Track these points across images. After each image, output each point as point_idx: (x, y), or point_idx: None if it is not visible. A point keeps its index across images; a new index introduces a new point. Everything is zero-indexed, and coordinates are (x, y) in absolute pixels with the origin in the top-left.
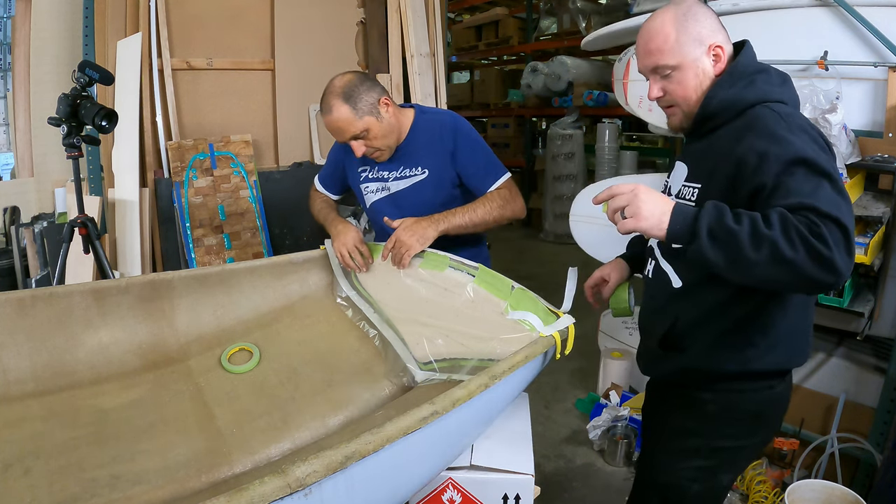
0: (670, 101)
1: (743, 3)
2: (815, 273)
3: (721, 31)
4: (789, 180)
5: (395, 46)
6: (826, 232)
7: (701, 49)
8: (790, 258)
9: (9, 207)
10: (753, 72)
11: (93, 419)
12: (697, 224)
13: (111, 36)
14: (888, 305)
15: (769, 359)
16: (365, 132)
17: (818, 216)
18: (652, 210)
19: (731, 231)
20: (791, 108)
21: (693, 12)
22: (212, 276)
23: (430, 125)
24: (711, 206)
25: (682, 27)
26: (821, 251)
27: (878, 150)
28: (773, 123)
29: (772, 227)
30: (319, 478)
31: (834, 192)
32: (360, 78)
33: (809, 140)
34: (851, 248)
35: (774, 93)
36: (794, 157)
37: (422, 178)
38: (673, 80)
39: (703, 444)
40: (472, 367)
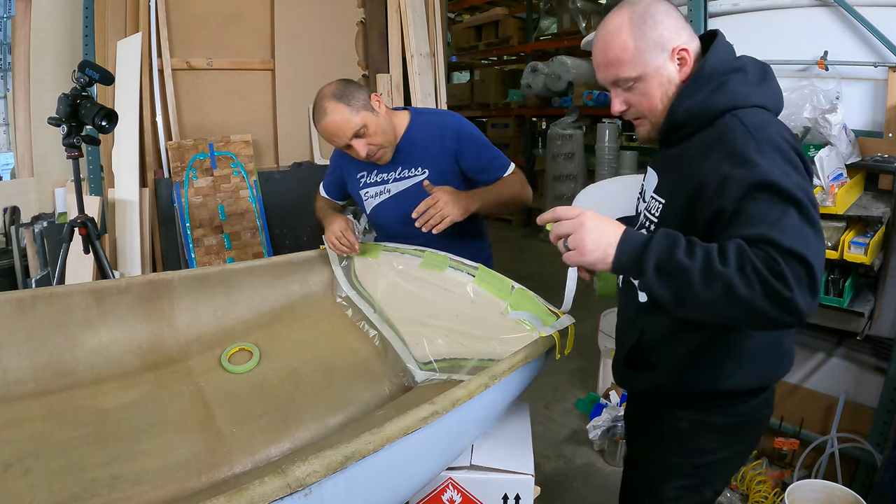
0: (636, 114)
1: (743, 3)
2: (772, 313)
3: (685, 28)
4: (751, 206)
5: (395, 46)
6: (786, 269)
7: (663, 55)
8: (745, 297)
9: (9, 207)
10: (725, 72)
11: (93, 419)
12: (644, 257)
13: (111, 36)
14: (888, 305)
15: (739, 378)
16: (364, 129)
17: (779, 251)
18: (597, 242)
19: (681, 266)
20: (766, 117)
21: (651, 13)
22: (212, 276)
23: (429, 126)
24: (662, 236)
25: (639, 33)
26: (779, 291)
27: (878, 150)
28: (741, 141)
29: (727, 262)
30: (319, 478)
31: (801, 222)
32: (347, 81)
33: (781, 160)
34: (815, 287)
35: (749, 96)
36: (758, 181)
37: (422, 178)
38: (636, 92)
39: (681, 463)
40: (472, 367)
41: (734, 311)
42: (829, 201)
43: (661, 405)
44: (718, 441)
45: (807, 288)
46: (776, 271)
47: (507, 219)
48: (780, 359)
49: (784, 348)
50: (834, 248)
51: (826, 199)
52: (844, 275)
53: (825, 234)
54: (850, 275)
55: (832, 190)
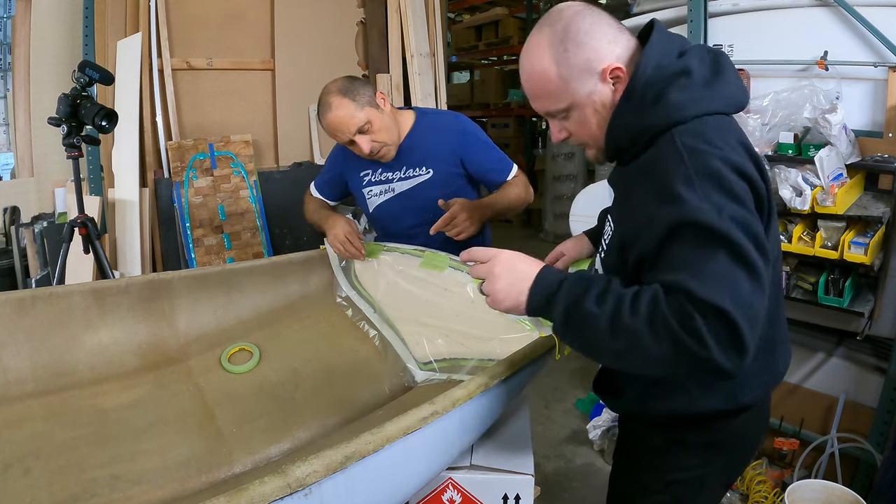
0: (579, 141)
1: (743, 3)
2: (688, 371)
3: (617, 37)
4: (674, 248)
5: (395, 46)
6: (702, 326)
7: (593, 79)
8: (654, 353)
9: (9, 207)
10: (662, 80)
11: (93, 419)
12: (553, 304)
13: (111, 36)
14: (888, 305)
15: (707, 403)
16: (368, 125)
17: (694, 303)
18: (507, 290)
19: (589, 314)
20: (710, 132)
21: (573, 33)
22: (212, 276)
23: (434, 126)
24: (575, 280)
25: (562, 59)
26: (691, 349)
27: (878, 150)
28: (671, 171)
29: (636, 313)
30: (319, 478)
31: (732, 264)
32: (352, 78)
33: (715, 190)
34: (741, 343)
35: (692, 105)
36: (682, 220)
37: (427, 178)
38: (572, 121)
39: (657, 478)
40: (472, 367)
41: (649, 366)
42: (829, 201)
43: (635, 421)
44: (694, 458)
45: (727, 344)
46: (690, 327)
47: (507, 219)
48: (755, 380)
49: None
50: (834, 248)
51: (826, 199)
52: (844, 275)
53: (825, 235)
54: (850, 275)
55: (832, 190)
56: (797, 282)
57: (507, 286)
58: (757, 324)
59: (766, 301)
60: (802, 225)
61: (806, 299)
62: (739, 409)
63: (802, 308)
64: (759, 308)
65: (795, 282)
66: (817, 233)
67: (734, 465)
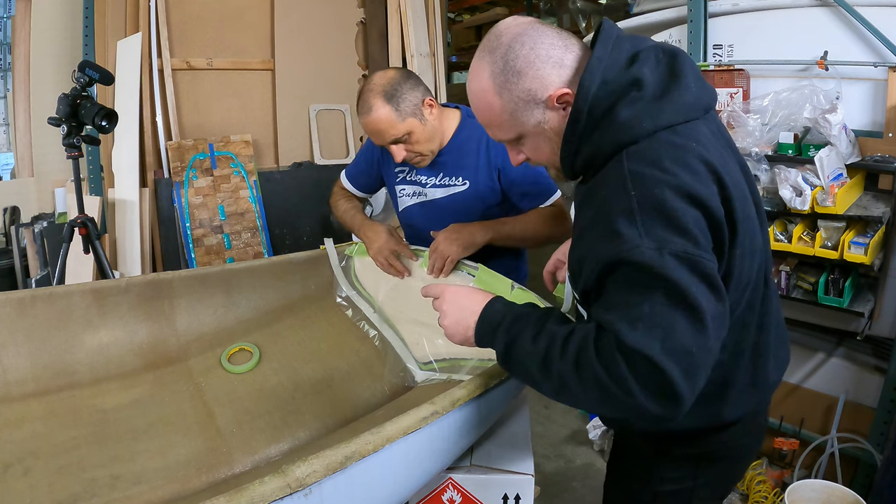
0: (537, 164)
1: (743, 3)
2: (620, 414)
3: (562, 60)
4: (609, 285)
5: (395, 46)
6: (626, 373)
7: (539, 108)
8: (582, 398)
9: (9, 207)
10: (607, 97)
11: (93, 419)
12: (495, 341)
13: (111, 36)
14: (888, 305)
15: (689, 420)
16: (407, 136)
17: (621, 349)
18: (455, 326)
19: (524, 353)
20: (653, 151)
21: (512, 62)
22: (212, 276)
23: (478, 134)
24: (513, 318)
25: (504, 90)
26: (617, 397)
27: (878, 150)
28: (613, 201)
29: (565, 356)
30: (319, 478)
31: (668, 308)
32: (404, 75)
33: (659, 223)
34: (672, 391)
35: (644, 121)
36: (618, 259)
37: (461, 190)
38: (526, 147)
39: (644, 488)
40: (472, 367)
41: (583, 406)
42: (829, 201)
43: (624, 431)
44: (683, 470)
45: (660, 395)
46: (616, 374)
47: None
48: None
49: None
50: (834, 248)
51: (826, 199)
52: (844, 275)
53: (825, 235)
54: (850, 275)
55: (832, 190)
56: (797, 282)
57: (455, 323)
58: (696, 370)
59: (716, 340)
60: (802, 225)
61: (806, 299)
62: (725, 425)
63: (802, 308)
64: (701, 352)
65: (795, 282)
66: (817, 233)
67: (725, 478)
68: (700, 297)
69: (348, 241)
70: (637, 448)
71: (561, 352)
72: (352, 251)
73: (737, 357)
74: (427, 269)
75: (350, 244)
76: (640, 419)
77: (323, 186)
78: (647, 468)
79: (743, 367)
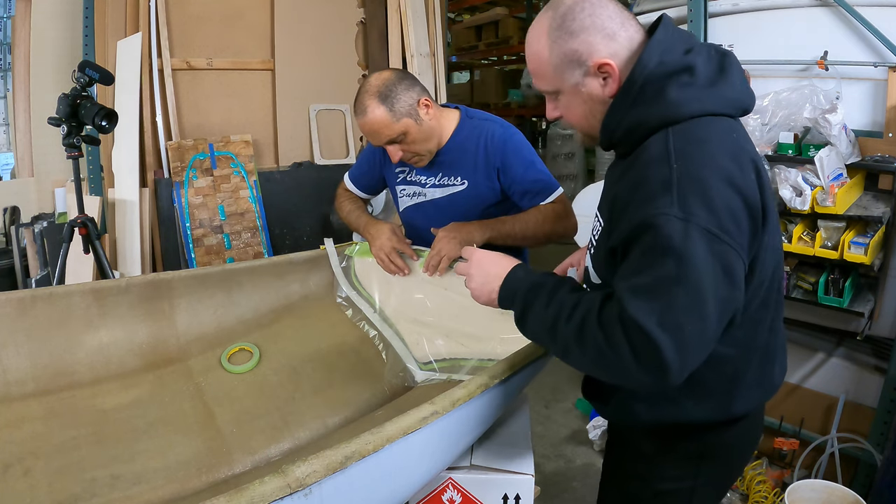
0: (567, 124)
1: (743, 3)
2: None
3: (616, 35)
4: (631, 250)
5: (395, 46)
6: (622, 340)
7: (580, 71)
8: (582, 361)
9: (9, 207)
10: (662, 76)
11: (93, 419)
12: (514, 304)
13: (111, 36)
14: (888, 305)
15: (699, 413)
16: (402, 136)
17: (621, 317)
18: (481, 287)
19: (537, 318)
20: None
21: (569, 22)
22: (212, 276)
23: (477, 134)
24: (530, 285)
25: (555, 45)
26: (611, 361)
27: (878, 150)
28: (654, 170)
29: (571, 320)
30: (319, 478)
31: (673, 283)
32: (399, 76)
33: (695, 198)
34: (662, 364)
35: (692, 104)
36: (643, 221)
37: (460, 190)
38: (561, 104)
39: (645, 487)
40: (472, 367)
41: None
42: (829, 201)
43: (623, 428)
44: (684, 469)
45: (650, 364)
46: (612, 340)
47: None
48: (752, 387)
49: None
50: (834, 248)
51: (826, 199)
52: (844, 275)
53: (825, 235)
54: (850, 275)
55: (832, 190)
56: (797, 282)
57: (481, 285)
58: (688, 347)
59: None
60: (802, 225)
61: (806, 299)
62: (732, 419)
63: (802, 308)
64: (696, 331)
65: (795, 282)
66: (817, 233)
67: (724, 478)
68: (709, 278)
69: (348, 241)
70: (637, 447)
71: (567, 318)
72: (352, 251)
73: (748, 354)
74: (423, 266)
75: (350, 244)
76: (633, 385)
77: (323, 186)
78: (647, 467)
79: (753, 365)
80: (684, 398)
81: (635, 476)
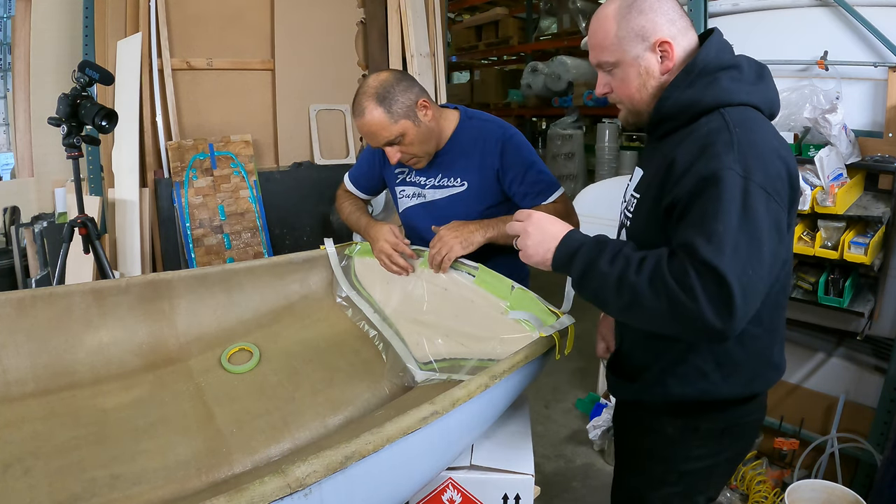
0: (616, 99)
1: (743, 3)
2: (681, 327)
3: (677, 22)
4: (695, 203)
5: (395, 46)
6: (696, 282)
7: (643, 45)
8: (651, 308)
9: (9, 207)
10: (717, 68)
11: (93, 419)
12: (573, 262)
13: (111, 36)
14: (888, 305)
15: (726, 388)
16: (400, 137)
17: (694, 261)
18: (537, 246)
19: (600, 273)
20: (755, 117)
21: (640, 3)
22: (212, 276)
23: (476, 134)
24: (592, 243)
25: (623, 21)
26: (684, 304)
27: (878, 150)
28: (715, 132)
29: (641, 271)
30: (319, 478)
31: (739, 229)
32: (397, 77)
33: (754, 158)
34: (730, 304)
35: (741, 93)
36: (711, 173)
37: (460, 191)
38: (616, 78)
39: (669, 470)
40: (472, 367)
41: (650, 321)
42: (829, 201)
43: (645, 410)
44: (705, 447)
45: (720, 305)
46: (685, 284)
47: None
48: (768, 367)
49: (772, 357)
50: (834, 248)
51: (826, 199)
52: (844, 275)
53: (825, 235)
54: (850, 275)
55: (832, 190)
56: (797, 282)
57: (537, 244)
58: (749, 292)
59: (769, 275)
60: (802, 225)
61: (806, 299)
62: (752, 395)
63: (802, 308)
64: (756, 278)
65: (795, 282)
66: (817, 233)
67: (739, 454)
68: (765, 229)
69: (349, 241)
70: (659, 427)
71: (637, 270)
72: (352, 251)
73: (772, 335)
74: (424, 266)
75: (350, 244)
76: (701, 334)
77: (323, 186)
78: (670, 448)
79: (776, 345)
80: (714, 372)
81: (658, 459)
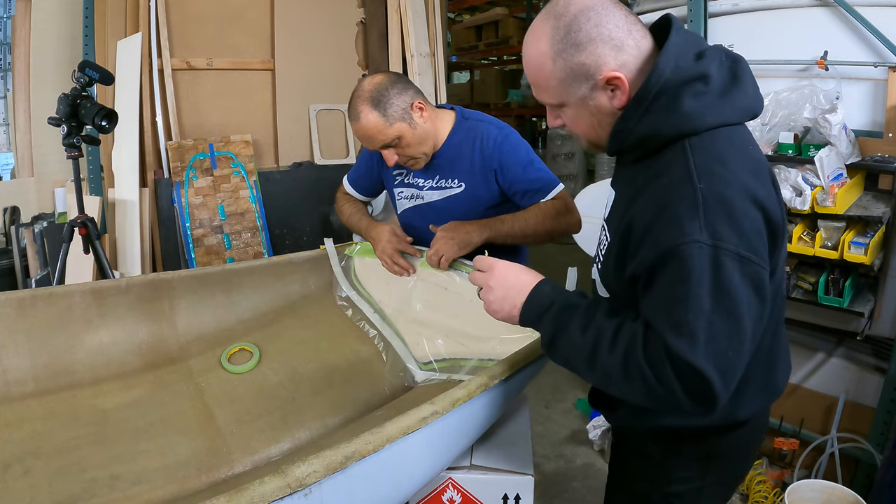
0: (572, 132)
1: (743, 3)
2: (661, 408)
3: (623, 44)
4: (659, 279)
5: (395, 46)
6: (672, 377)
7: (587, 85)
8: (626, 390)
9: (9, 207)
10: (678, 84)
11: (93, 419)
12: (542, 323)
13: (111, 36)
14: (888, 305)
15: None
16: (396, 140)
17: (668, 353)
18: (501, 301)
19: (571, 343)
20: (721, 147)
21: (574, 33)
22: (212, 276)
23: (472, 135)
24: (562, 304)
25: (559, 60)
26: (662, 396)
27: (878, 150)
28: (677, 191)
29: (614, 350)
30: (319, 478)
31: (712, 312)
32: (392, 80)
33: (722, 221)
34: (711, 396)
35: (706, 116)
36: (674, 247)
37: (457, 192)
38: (565, 116)
39: (652, 490)
40: (472, 367)
41: (625, 397)
42: (829, 201)
43: (630, 432)
44: (692, 470)
45: (701, 398)
46: (661, 376)
47: None
48: (765, 391)
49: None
50: (834, 248)
51: (826, 199)
52: (844, 275)
53: (825, 235)
54: (850, 275)
55: (832, 190)
56: (797, 282)
57: (500, 300)
58: (731, 374)
59: (752, 344)
60: (802, 225)
61: (806, 299)
62: (737, 424)
63: (802, 308)
64: (736, 357)
65: (795, 282)
66: (817, 233)
67: (731, 478)
68: (744, 302)
69: (348, 241)
70: (644, 450)
71: (610, 347)
72: (352, 251)
73: (755, 359)
74: (424, 266)
75: (350, 244)
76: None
77: (323, 186)
78: (655, 470)
79: (758, 370)
80: None
81: (643, 479)
